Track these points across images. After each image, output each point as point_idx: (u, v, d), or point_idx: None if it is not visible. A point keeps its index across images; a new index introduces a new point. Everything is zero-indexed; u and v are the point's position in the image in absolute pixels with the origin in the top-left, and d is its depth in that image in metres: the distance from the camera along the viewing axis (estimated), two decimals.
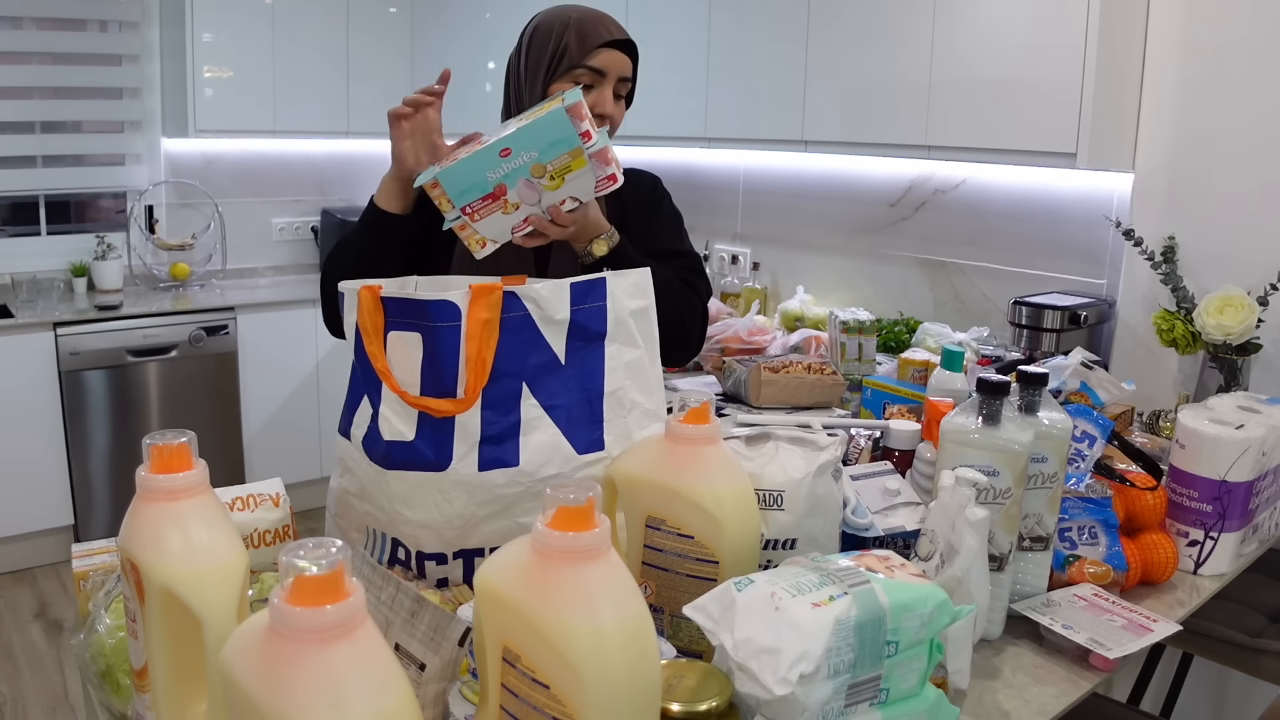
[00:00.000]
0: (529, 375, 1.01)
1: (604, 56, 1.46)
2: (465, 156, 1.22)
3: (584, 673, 0.62)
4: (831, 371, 1.51)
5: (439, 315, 0.99)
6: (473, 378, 0.99)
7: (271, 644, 0.56)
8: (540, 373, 1.02)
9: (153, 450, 0.74)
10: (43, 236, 3.68)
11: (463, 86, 3.90)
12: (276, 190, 4.13)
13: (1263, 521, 1.39)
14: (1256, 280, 2.04)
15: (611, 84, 1.47)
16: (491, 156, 1.22)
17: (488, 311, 0.99)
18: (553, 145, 1.20)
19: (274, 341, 3.65)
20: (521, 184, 1.23)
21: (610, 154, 1.22)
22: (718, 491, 0.90)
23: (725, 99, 2.97)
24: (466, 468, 0.99)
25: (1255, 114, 2.11)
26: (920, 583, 0.80)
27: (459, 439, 0.99)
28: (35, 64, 3.53)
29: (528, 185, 1.23)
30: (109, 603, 0.94)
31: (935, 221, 2.83)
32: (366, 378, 1.03)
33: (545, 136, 1.20)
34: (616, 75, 1.47)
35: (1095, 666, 1.04)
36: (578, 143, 1.19)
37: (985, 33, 2.30)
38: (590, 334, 1.04)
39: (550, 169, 1.21)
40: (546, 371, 1.02)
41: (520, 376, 1.01)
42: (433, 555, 1.01)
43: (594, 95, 1.48)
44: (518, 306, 1.01)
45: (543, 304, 1.02)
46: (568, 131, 1.19)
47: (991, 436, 1.03)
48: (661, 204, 1.66)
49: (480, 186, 1.24)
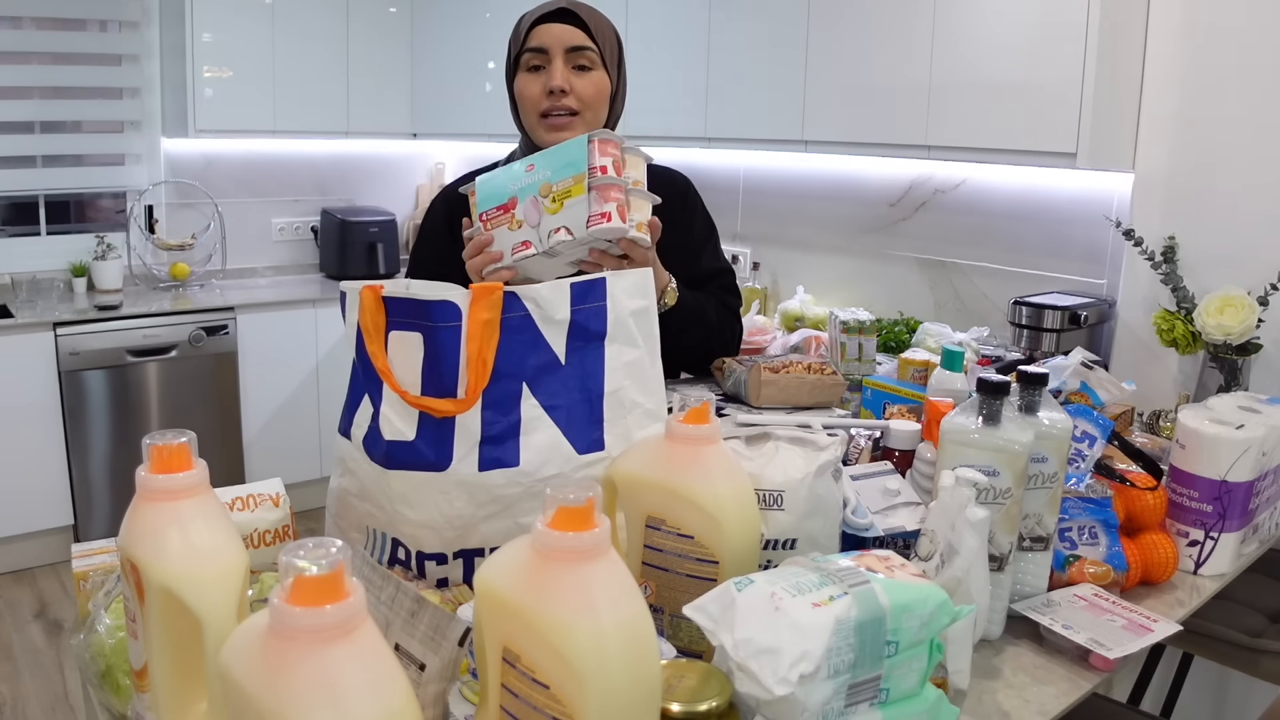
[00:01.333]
0: (529, 375, 1.01)
1: (540, 33, 1.44)
2: (503, 168, 1.25)
3: (584, 673, 0.62)
4: (832, 371, 1.50)
5: (440, 315, 0.99)
6: (473, 378, 0.99)
7: (271, 644, 0.56)
8: (540, 373, 1.02)
9: (153, 450, 0.74)
10: (43, 236, 3.68)
11: (463, 86, 3.91)
12: (276, 190, 4.13)
13: (1263, 522, 1.39)
14: (1256, 280, 2.04)
15: (559, 57, 1.44)
16: (520, 169, 1.24)
17: (488, 312, 0.99)
18: (565, 166, 1.21)
19: (274, 341, 3.65)
20: (529, 200, 1.23)
21: (616, 197, 1.21)
22: (718, 491, 0.90)
23: (725, 99, 2.97)
24: (467, 468, 0.99)
25: (1255, 114, 2.11)
26: (920, 583, 0.80)
27: (459, 439, 0.99)
28: (35, 64, 3.53)
29: (533, 203, 1.23)
30: (109, 603, 0.94)
31: (935, 221, 2.83)
32: (368, 377, 1.03)
33: (563, 157, 1.22)
34: (561, 47, 1.44)
35: (1095, 666, 1.04)
36: (583, 169, 1.19)
37: (985, 33, 2.30)
38: (590, 334, 1.04)
39: (555, 190, 1.21)
40: (547, 372, 1.02)
41: (520, 377, 1.01)
42: (433, 555, 1.01)
43: (544, 75, 1.45)
44: (518, 307, 1.01)
45: (543, 304, 1.01)
46: (581, 156, 1.19)
47: (991, 436, 1.03)
48: (695, 213, 1.66)
49: (500, 196, 1.25)
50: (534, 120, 1.48)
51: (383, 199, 4.36)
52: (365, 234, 4.02)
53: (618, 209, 1.21)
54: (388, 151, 4.34)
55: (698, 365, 1.64)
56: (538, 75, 1.46)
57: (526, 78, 1.47)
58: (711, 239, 1.68)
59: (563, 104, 1.45)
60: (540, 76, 1.45)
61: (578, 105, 1.46)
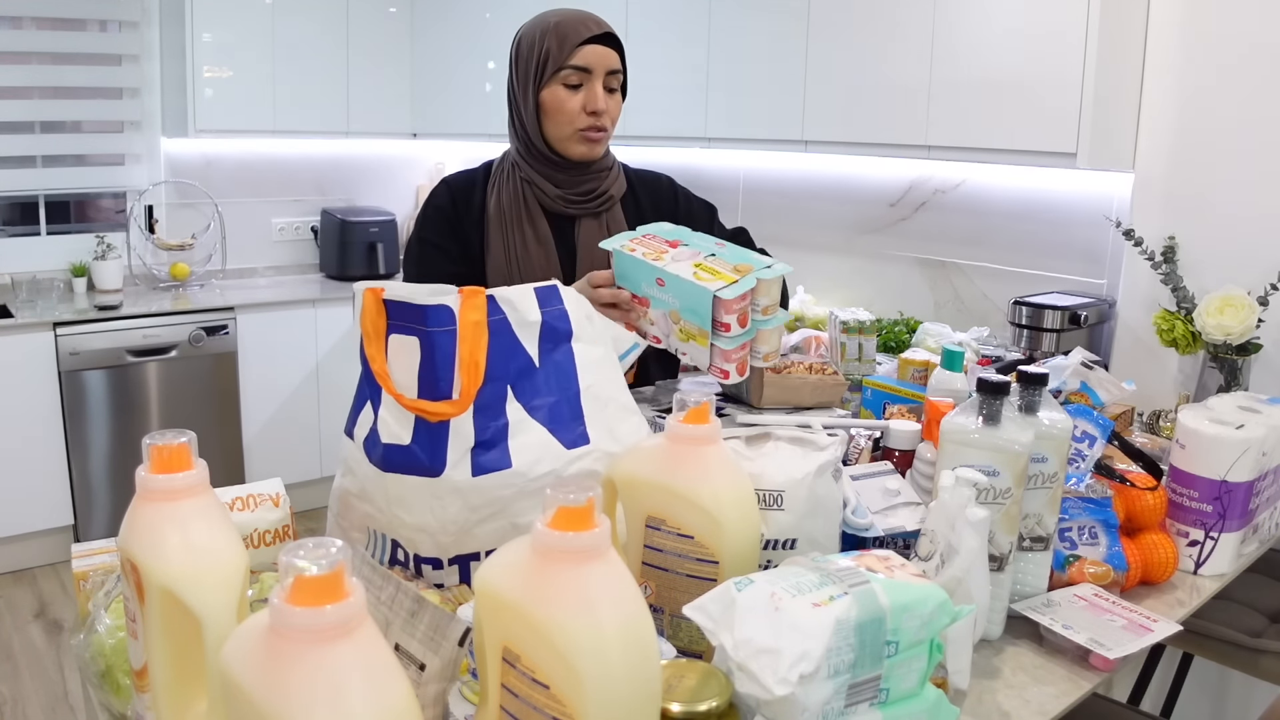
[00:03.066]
0: (511, 378, 1.02)
1: (586, 53, 1.51)
2: (638, 256, 1.32)
3: (584, 673, 0.62)
4: (834, 372, 1.50)
5: (435, 320, 1.00)
6: (467, 380, 0.99)
7: (271, 644, 0.56)
8: (520, 376, 1.03)
9: (153, 450, 0.74)
10: (42, 236, 3.68)
11: (463, 87, 3.91)
12: (276, 190, 4.13)
13: (1263, 522, 1.39)
14: (1256, 280, 2.04)
15: (599, 79, 1.53)
16: (651, 275, 1.30)
17: (476, 313, 1.01)
18: (693, 311, 1.27)
19: (274, 341, 3.65)
20: (661, 314, 1.31)
21: (737, 357, 1.27)
22: (718, 491, 0.90)
23: (725, 99, 2.97)
24: (460, 474, 0.99)
25: (1256, 114, 2.11)
26: (920, 583, 0.80)
27: (453, 444, 0.99)
28: (35, 64, 3.53)
29: (664, 318, 1.31)
30: (109, 603, 0.94)
31: (935, 221, 2.83)
32: (368, 380, 1.04)
33: (691, 299, 1.27)
34: (603, 70, 1.53)
35: (1095, 666, 1.04)
36: (708, 328, 1.26)
37: (985, 33, 2.30)
38: (559, 334, 1.05)
39: (683, 325, 1.29)
40: (525, 375, 1.03)
41: (505, 379, 1.02)
42: (429, 560, 1.01)
43: (584, 93, 1.54)
44: (496, 310, 1.02)
45: (517, 307, 1.03)
46: (707, 311, 1.25)
47: (991, 436, 1.03)
48: (691, 202, 1.75)
49: (634, 286, 1.34)
50: (567, 133, 1.56)
51: (383, 199, 4.36)
52: (365, 234, 4.02)
53: (737, 367, 1.29)
54: (388, 151, 4.34)
55: None
56: (577, 92, 1.54)
57: (566, 93, 1.54)
58: (714, 217, 1.75)
59: (600, 123, 1.55)
60: (579, 94, 1.54)
61: (608, 124, 1.57)
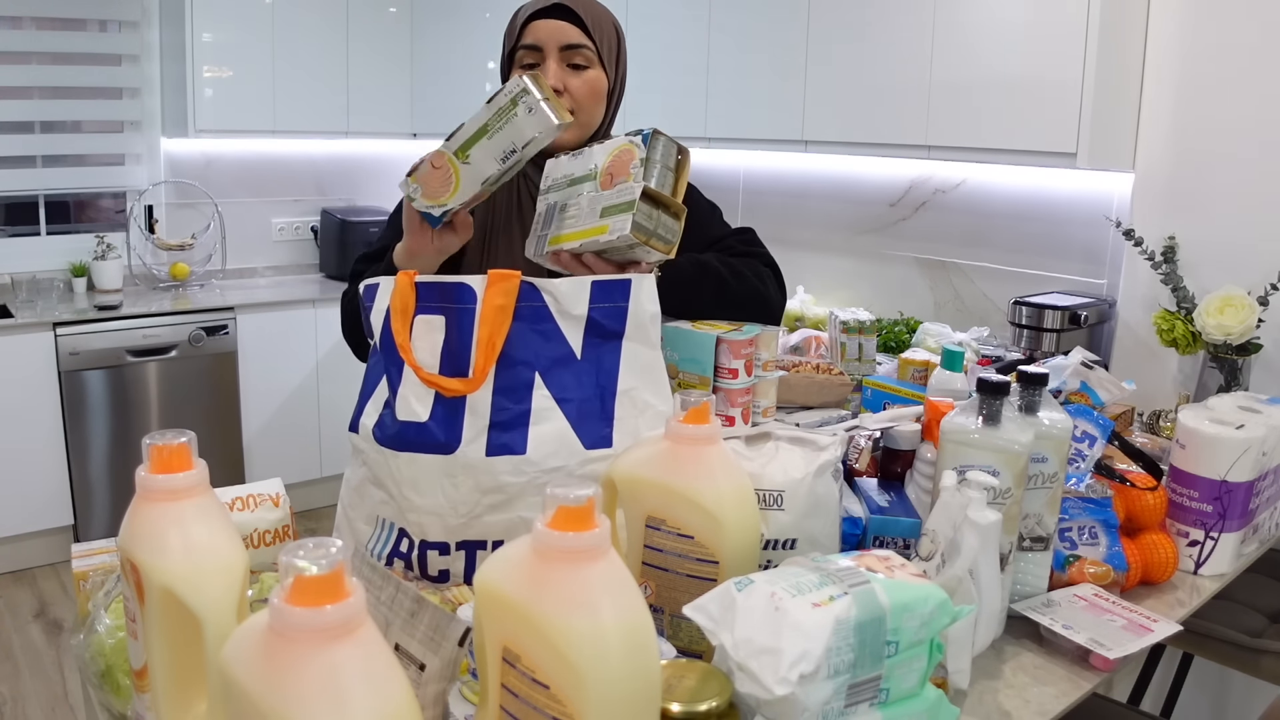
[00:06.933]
0: (543, 366, 1.04)
1: (535, 29, 1.36)
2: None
3: (584, 673, 0.62)
4: (839, 372, 1.51)
5: (458, 298, 1.04)
6: (481, 359, 1.02)
7: (271, 644, 0.56)
8: (555, 365, 1.04)
9: (153, 450, 0.74)
10: (42, 236, 3.68)
11: (463, 87, 3.90)
12: (276, 190, 4.13)
13: (1263, 522, 1.39)
14: (1256, 280, 2.04)
15: (554, 54, 1.35)
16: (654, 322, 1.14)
17: (502, 298, 1.02)
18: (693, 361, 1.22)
19: (274, 341, 3.64)
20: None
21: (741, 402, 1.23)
22: (718, 491, 0.90)
23: (725, 99, 2.97)
24: (474, 451, 1.01)
25: (1255, 114, 2.11)
26: (920, 583, 0.80)
27: (469, 422, 1.01)
28: (35, 64, 3.53)
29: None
30: (109, 603, 0.94)
31: (935, 221, 2.82)
32: (389, 359, 1.05)
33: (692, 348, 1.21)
34: (555, 45, 1.35)
35: (1095, 666, 1.04)
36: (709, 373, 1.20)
37: (985, 33, 2.30)
38: (607, 332, 1.05)
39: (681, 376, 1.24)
40: (561, 364, 1.04)
41: (534, 366, 1.03)
42: (436, 544, 1.03)
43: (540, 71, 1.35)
44: (536, 297, 1.04)
45: (561, 298, 1.04)
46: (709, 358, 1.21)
47: (991, 436, 1.03)
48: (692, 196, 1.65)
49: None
50: None
51: (383, 199, 4.35)
52: (365, 234, 4.01)
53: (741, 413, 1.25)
54: (388, 151, 4.34)
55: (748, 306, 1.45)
56: (527, 69, 1.37)
57: None
58: (717, 217, 1.60)
59: None
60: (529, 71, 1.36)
61: (572, 106, 1.36)
